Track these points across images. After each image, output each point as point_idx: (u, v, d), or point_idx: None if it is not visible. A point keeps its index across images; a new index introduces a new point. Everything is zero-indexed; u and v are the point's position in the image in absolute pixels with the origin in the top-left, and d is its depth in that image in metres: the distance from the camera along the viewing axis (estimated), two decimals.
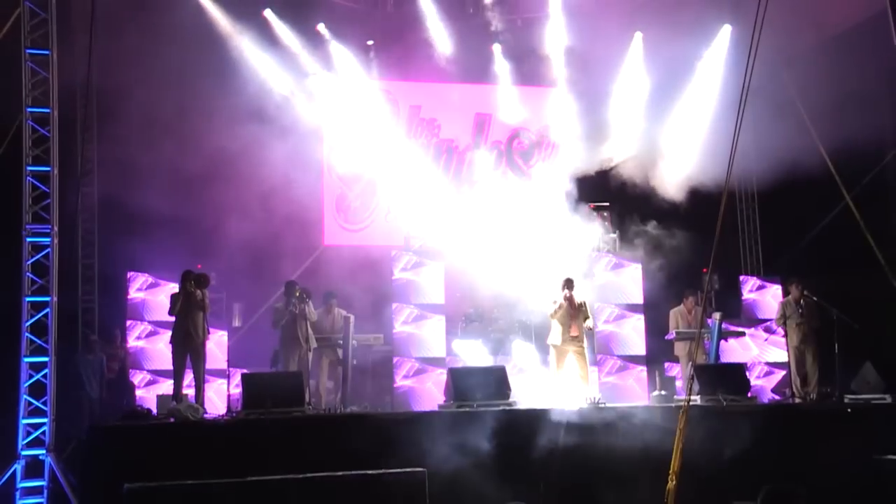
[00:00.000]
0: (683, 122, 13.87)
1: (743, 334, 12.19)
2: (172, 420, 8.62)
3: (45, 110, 8.87)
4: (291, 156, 12.47)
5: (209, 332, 9.81)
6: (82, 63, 9.70)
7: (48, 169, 8.83)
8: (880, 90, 11.01)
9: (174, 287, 10.04)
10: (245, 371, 9.94)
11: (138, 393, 10.83)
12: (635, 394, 11.48)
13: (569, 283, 10.24)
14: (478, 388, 9.05)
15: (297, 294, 10.28)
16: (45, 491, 8.47)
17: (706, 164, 12.24)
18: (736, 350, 12.24)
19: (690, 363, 10.45)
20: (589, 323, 10.45)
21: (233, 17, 12.80)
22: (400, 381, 11.07)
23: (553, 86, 14.18)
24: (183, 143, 11.61)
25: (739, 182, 14.64)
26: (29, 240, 8.72)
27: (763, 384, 12.28)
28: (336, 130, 14.04)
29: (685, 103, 13.92)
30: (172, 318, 9.72)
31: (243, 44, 12.84)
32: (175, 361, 9.72)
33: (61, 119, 9.07)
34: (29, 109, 8.83)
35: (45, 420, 8.55)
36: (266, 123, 12.42)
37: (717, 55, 13.70)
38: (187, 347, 9.64)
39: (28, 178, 8.81)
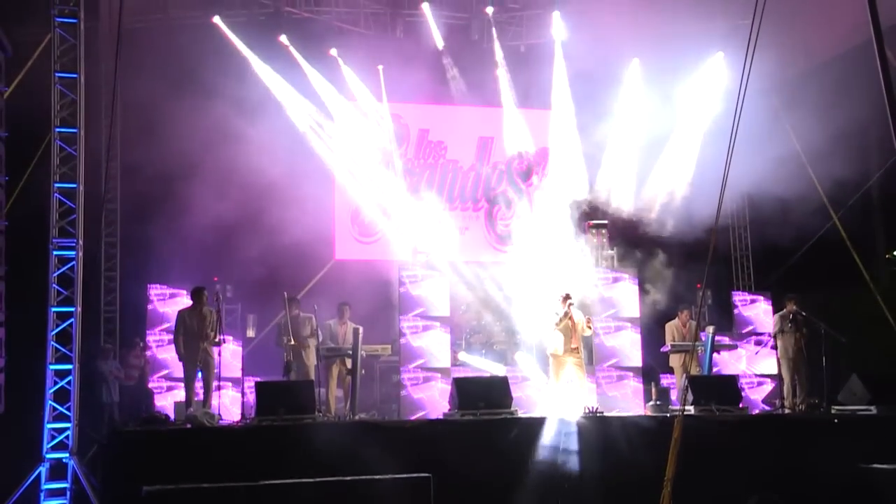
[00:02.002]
0: (679, 143, 14.27)
1: (735, 347, 12.46)
2: (189, 426, 8.96)
3: (72, 130, 9.12)
4: (305, 173, 12.89)
5: (223, 340, 10.25)
6: (108, 85, 10.14)
7: (74, 186, 9.06)
8: (866, 115, 11.35)
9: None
10: (258, 379, 10.18)
11: (157, 400, 11.11)
12: (632, 403, 11.67)
13: (568, 297, 10.59)
14: (481, 397, 9.29)
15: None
16: (68, 492, 8.67)
17: (700, 185, 12.68)
18: (728, 362, 12.50)
19: (685, 374, 10.80)
20: (588, 332, 10.70)
21: (250, 42, 13.24)
22: (406, 390, 11.28)
23: (553, 109, 14.58)
24: (201, 160, 11.93)
25: (732, 202, 14.88)
26: (55, 253, 8.94)
27: (754, 395, 12.51)
28: (348, 150, 14.41)
29: (681, 125, 14.26)
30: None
31: (259, 67, 13.28)
32: (186, 371, 10.10)
33: (87, 138, 9.39)
34: (57, 129, 9.09)
35: (68, 425, 8.76)
36: (281, 142, 12.84)
37: (710, 80, 14.04)
38: (197, 359, 10.01)
39: (55, 194, 9.03)
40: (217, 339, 10.04)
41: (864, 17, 6.33)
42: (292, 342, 10.53)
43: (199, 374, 10.15)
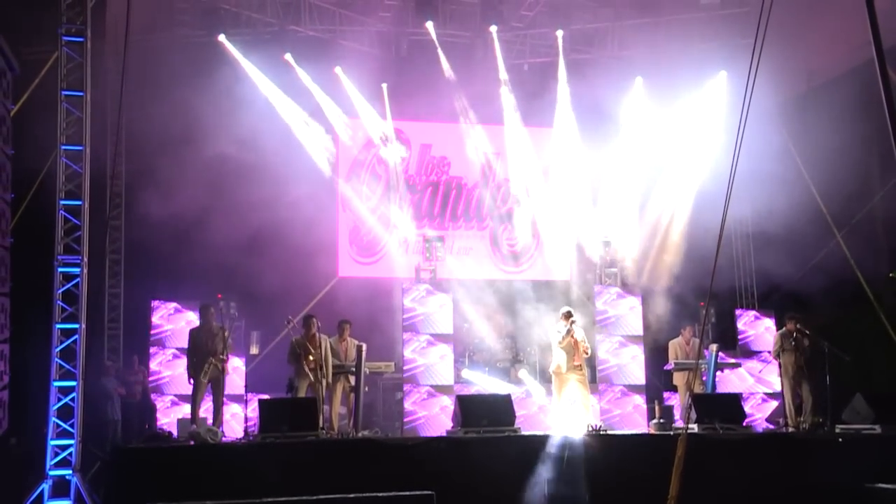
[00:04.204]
0: (682, 162, 14.32)
1: (738, 365, 12.40)
2: (192, 443, 9.02)
3: (77, 148, 9.12)
4: (309, 191, 12.96)
5: (229, 357, 10.26)
6: (113, 104, 10.20)
7: (80, 203, 9.05)
8: (868, 134, 11.41)
9: (195, 315, 10.49)
10: (262, 396, 10.18)
11: (160, 417, 11.12)
12: (635, 421, 11.65)
13: (570, 315, 10.64)
14: (484, 414, 9.35)
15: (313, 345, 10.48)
16: None
17: (704, 203, 12.70)
18: (731, 380, 12.46)
19: (688, 393, 10.79)
20: (585, 356, 10.71)
21: (255, 60, 13.35)
22: (410, 408, 11.26)
23: (556, 127, 14.66)
24: (205, 177, 11.96)
25: (735, 220, 14.81)
26: (60, 269, 8.92)
27: (757, 414, 12.49)
28: (351, 167, 14.56)
29: (685, 143, 14.33)
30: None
31: (264, 85, 13.37)
32: (194, 389, 10.10)
33: (92, 156, 9.45)
34: (63, 147, 9.09)
35: (72, 442, 8.71)
36: (285, 160, 12.92)
37: (713, 99, 14.14)
38: (206, 374, 10.01)
39: (61, 211, 9.01)
40: (224, 356, 10.07)
41: (866, 36, 6.38)
42: (311, 358, 10.41)
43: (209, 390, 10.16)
